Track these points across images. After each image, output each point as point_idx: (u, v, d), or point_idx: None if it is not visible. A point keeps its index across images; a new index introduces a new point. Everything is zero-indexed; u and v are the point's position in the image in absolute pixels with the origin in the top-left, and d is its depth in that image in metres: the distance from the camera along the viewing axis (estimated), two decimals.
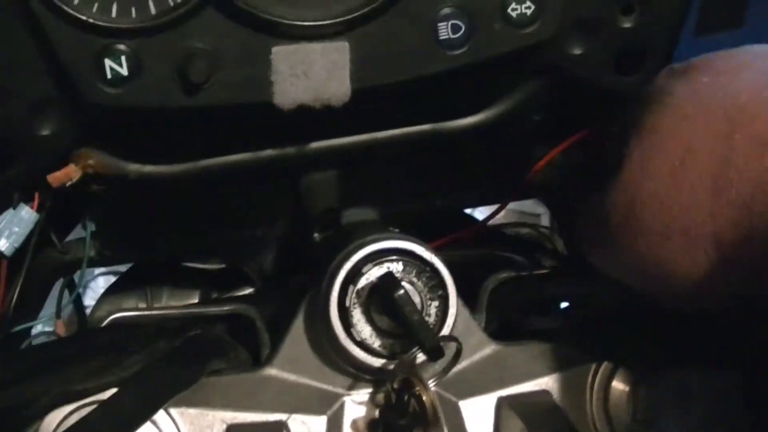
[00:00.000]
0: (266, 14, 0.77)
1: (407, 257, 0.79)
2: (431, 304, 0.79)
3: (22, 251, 0.89)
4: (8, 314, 0.91)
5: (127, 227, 0.99)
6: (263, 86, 0.78)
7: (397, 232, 0.86)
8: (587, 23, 0.86)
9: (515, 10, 0.81)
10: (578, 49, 0.87)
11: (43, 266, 0.96)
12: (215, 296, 1.08)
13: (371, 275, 0.79)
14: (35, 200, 0.87)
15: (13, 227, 0.86)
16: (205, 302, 1.05)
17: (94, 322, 1.06)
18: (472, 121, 0.92)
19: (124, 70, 0.76)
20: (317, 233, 0.93)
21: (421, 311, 0.78)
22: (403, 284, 0.77)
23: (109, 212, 0.96)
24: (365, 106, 0.81)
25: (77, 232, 1.01)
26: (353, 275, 0.79)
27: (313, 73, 0.78)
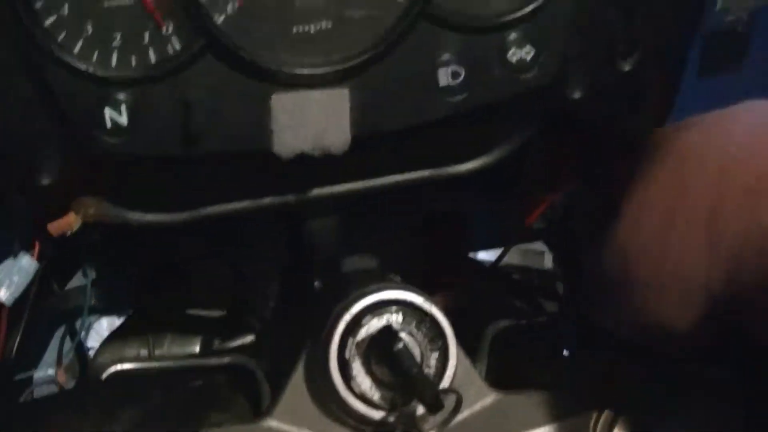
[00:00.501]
0: (265, 62, 0.77)
1: (407, 308, 0.79)
2: (431, 355, 0.79)
3: (22, 300, 0.88)
4: (9, 362, 0.91)
5: (127, 275, 0.99)
6: (262, 134, 0.78)
7: (397, 280, 0.86)
8: (587, 67, 0.86)
9: (515, 55, 0.81)
10: (578, 93, 0.87)
11: (44, 314, 0.96)
12: (217, 343, 1.08)
13: (371, 327, 0.78)
14: (35, 249, 0.87)
15: (13, 276, 0.86)
16: (204, 352, 1.04)
17: (95, 369, 1.05)
18: (473, 165, 0.92)
19: (123, 119, 0.76)
20: (317, 281, 0.92)
21: (420, 363, 0.77)
22: (402, 336, 0.77)
23: (109, 260, 0.95)
24: (365, 152, 0.81)
25: (78, 278, 1.01)
26: (352, 327, 0.78)
27: (312, 121, 0.78)
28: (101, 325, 1.68)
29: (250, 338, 1.06)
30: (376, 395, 0.79)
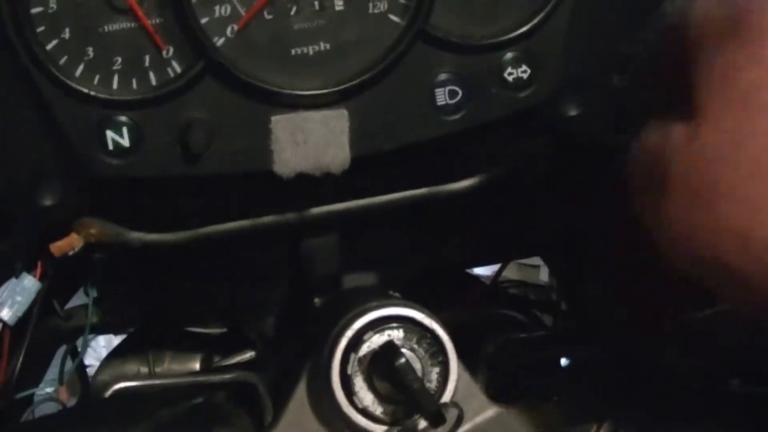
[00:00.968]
0: (265, 84, 0.78)
1: (408, 324, 0.80)
2: (432, 370, 0.80)
3: (24, 319, 0.89)
4: (12, 382, 0.91)
5: (128, 293, 0.99)
6: (263, 154, 0.79)
7: (397, 296, 0.87)
8: (583, 84, 0.87)
9: (511, 74, 0.82)
10: (574, 110, 0.88)
11: (45, 333, 0.96)
12: (217, 360, 1.09)
13: (372, 343, 0.79)
14: (38, 269, 0.88)
15: (15, 296, 0.87)
16: (207, 369, 1.05)
17: (97, 387, 1.06)
18: (470, 183, 0.93)
19: (125, 141, 0.77)
20: (317, 298, 0.93)
21: (422, 378, 0.78)
22: (404, 351, 0.77)
23: (111, 279, 0.96)
24: (364, 171, 0.82)
25: (80, 296, 1.02)
26: (355, 343, 0.79)
27: (312, 141, 0.79)
28: (98, 342, 1.69)
29: (250, 354, 1.06)
30: (378, 410, 0.79)
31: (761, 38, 0.52)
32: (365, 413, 0.79)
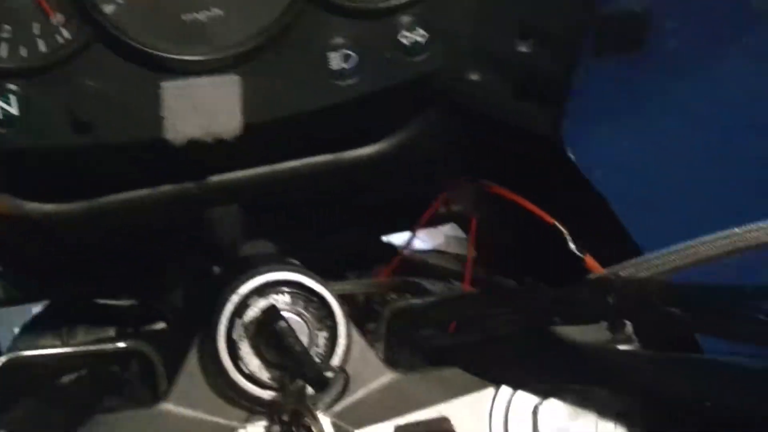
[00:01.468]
0: (154, 50, 0.77)
1: (295, 289, 0.79)
2: (319, 334, 0.79)
3: None
4: None
5: (34, 267, 0.98)
6: (154, 122, 0.78)
7: (295, 263, 0.86)
8: (483, 50, 0.86)
9: (407, 38, 0.82)
10: (476, 76, 0.87)
11: None
12: (130, 331, 1.08)
13: (257, 308, 0.79)
14: None
15: None
16: (107, 338, 1.04)
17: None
18: (372, 150, 0.92)
19: (14, 110, 0.76)
20: (216, 267, 0.92)
21: (308, 343, 0.78)
22: (289, 316, 0.77)
23: (14, 252, 0.95)
24: (261, 138, 0.81)
25: None
26: (240, 308, 0.78)
27: (202, 107, 0.78)
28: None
29: (161, 326, 1.06)
30: (265, 375, 0.79)
31: None
32: (251, 378, 0.78)
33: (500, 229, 1.06)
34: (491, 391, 0.85)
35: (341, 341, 0.80)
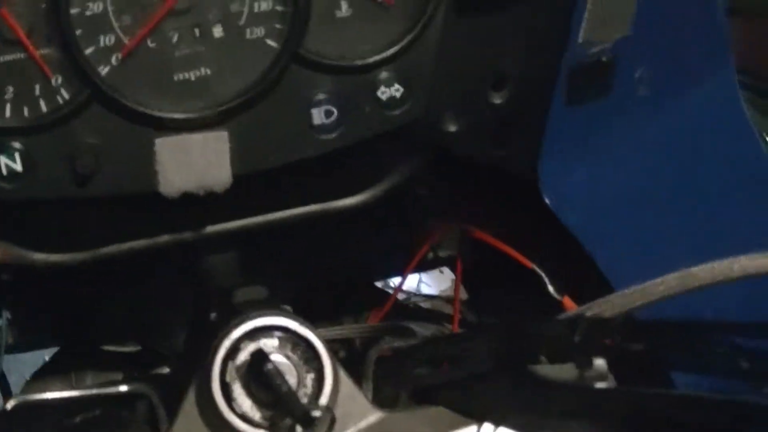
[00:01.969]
0: (148, 109, 0.82)
1: (283, 333, 0.84)
2: (307, 376, 0.84)
3: None
4: None
5: (41, 313, 1.03)
6: (149, 176, 0.83)
7: (287, 309, 0.91)
8: (459, 101, 0.91)
9: (384, 93, 0.87)
10: (453, 126, 0.92)
11: None
12: (135, 376, 1.13)
13: (248, 351, 0.83)
14: None
15: None
16: (109, 382, 1.08)
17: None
18: (359, 199, 0.97)
19: (18, 165, 0.82)
20: (213, 313, 0.97)
21: (296, 384, 0.82)
22: (274, 358, 0.81)
23: (22, 300, 1.00)
24: (251, 190, 0.86)
25: None
26: (232, 352, 0.83)
27: (194, 161, 0.84)
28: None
29: (166, 369, 1.10)
30: (257, 415, 0.83)
31: None
32: (244, 418, 0.83)
33: (485, 272, 1.10)
34: (473, 428, 0.88)
35: (328, 381, 0.84)
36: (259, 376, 0.82)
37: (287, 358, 0.84)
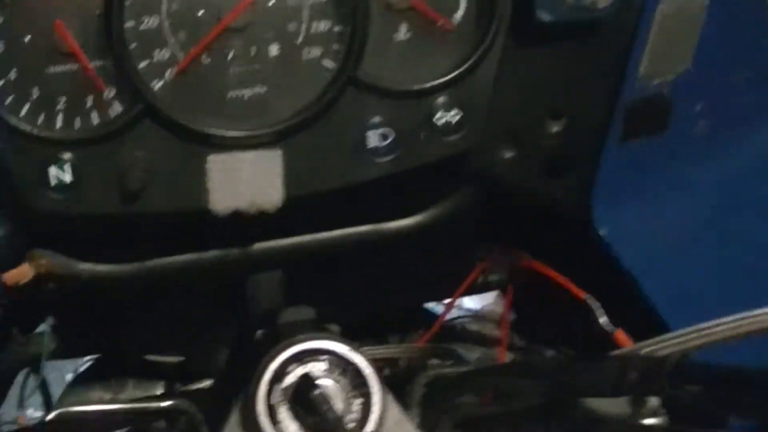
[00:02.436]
0: (201, 127, 0.82)
1: (331, 356, 0.83)
2: (354, 401, 0.82)
3: None
4: None
5: (85, 321, 1.03)
6: (199, 193, 0.83)
7: (335, 330, 0.90)
8: (516, 129, 0.90)
9: (441, 118, 0.85)
10: (508, 154, 0.91)
11: (4, 359, 1.00)
12: (178, 387, 1.12)
13: (296, 374, 0.82)
14: None
15: None
16: (152, 396, 1.08)
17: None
18: (410, 222, 0.96)
19: (68, 177, 0.81)
20: (259, 332, 0.96)
21: (339, 408, 0.81)
22: (322, 383, 0.80)
23: (67, 308, 1.00)
24: (302, 210, 0.85)
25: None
26: (279, 375, 0.82)
27: (246, 180, 0.83)
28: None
29: (207, 383, 1.10)
30: None
31: None
32: None
33: (536, 298, 1.09)
34: None
35: (375, 408, 0.83)
36: (305, 399, 0.81)
37: (335, 382, 0.82)
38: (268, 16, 0.81)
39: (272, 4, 0.81)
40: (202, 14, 0.80)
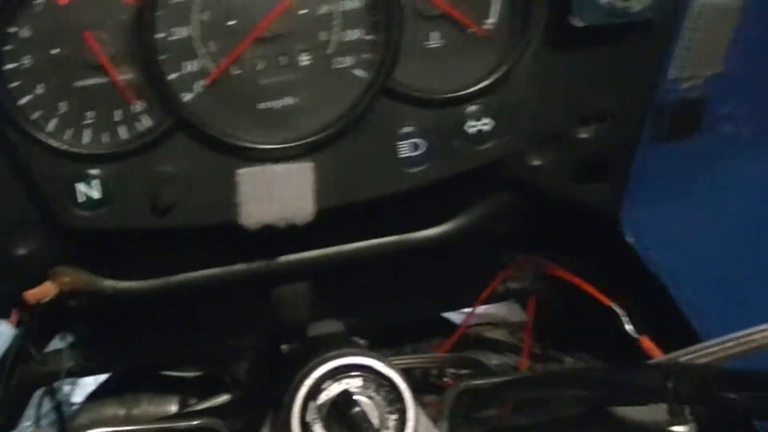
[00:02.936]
0: (232, 139, 0.80)
1: (366, 372, 0.81)
2: (390, 417, 0.81)
3: (0, 364, 0.91)
4: None
5: (104, 339, 1.01)
6: (229, 207, 0.81)
7: (362, 343, 0.88)
8: (546, 136, 0.89)
9: (472, 127, 0.84)
10: (538, 160, 0.90)
11: (22, 377, 0.98)
12: (194, 403, 1.10)
13: (331, 391, 0.81)
14: (13, 316, 0.90)
15: None
16: (177, 415, 1.06)
17: (74, 429, 1.08)
18: (437, 232, 0.95)
19: (96, 194, 0.80)
20: (285, 345, 0.95)
21: (377, 426, 0.80)
22: (360, 400, 0.79)
23: (86, 325, 0.98)
24: (332, 222, 0.84)
25: (57, 341, 1.04)
26: (314, 391, 0.81)
27: (277, 193, 0.81)
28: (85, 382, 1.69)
29: (224, 398, 1.08)
30: None
31: None
32: None
33: (558, 306, 1.08)
34: None
35: (410, 424, 0.82)
36: (342, 416, 0.79)
37: (369, 398, 0.81)
38: (298, 25, 0.80)
39: (303, 13, 0.79)
40: (232, 24, 0.78)
